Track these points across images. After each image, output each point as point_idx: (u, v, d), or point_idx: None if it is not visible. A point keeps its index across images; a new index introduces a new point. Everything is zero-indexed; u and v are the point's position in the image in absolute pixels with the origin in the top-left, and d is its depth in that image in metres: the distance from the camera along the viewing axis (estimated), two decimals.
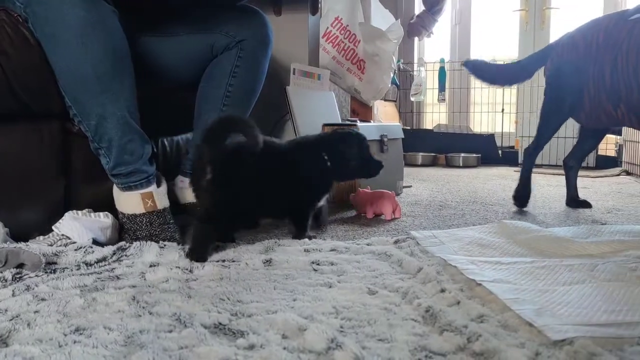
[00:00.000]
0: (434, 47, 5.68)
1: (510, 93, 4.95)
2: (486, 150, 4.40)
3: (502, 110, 4.67)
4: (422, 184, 3.04)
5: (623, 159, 3.68)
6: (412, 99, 4.63)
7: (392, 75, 3.06)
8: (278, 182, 1.49)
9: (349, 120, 2.47)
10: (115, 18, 1.47)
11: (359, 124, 2.25)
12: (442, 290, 1.08)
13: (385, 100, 4.58)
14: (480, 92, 5.12)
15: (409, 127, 5.00)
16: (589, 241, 1.45)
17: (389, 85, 3.09)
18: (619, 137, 3.76)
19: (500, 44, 5.45)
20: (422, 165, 4.40)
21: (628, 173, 3.53)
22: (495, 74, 2.34)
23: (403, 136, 2.60)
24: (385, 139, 2.37)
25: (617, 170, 3.65)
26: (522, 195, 2.18)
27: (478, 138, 4.52)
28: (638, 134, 3.28)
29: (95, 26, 1.40)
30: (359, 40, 2.99)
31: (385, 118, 4.65)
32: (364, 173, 1.68)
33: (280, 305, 1.00)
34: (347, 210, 2.12)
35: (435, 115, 5.40)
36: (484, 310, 0.97)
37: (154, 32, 1.77)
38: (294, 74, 2.37)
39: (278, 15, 2.47)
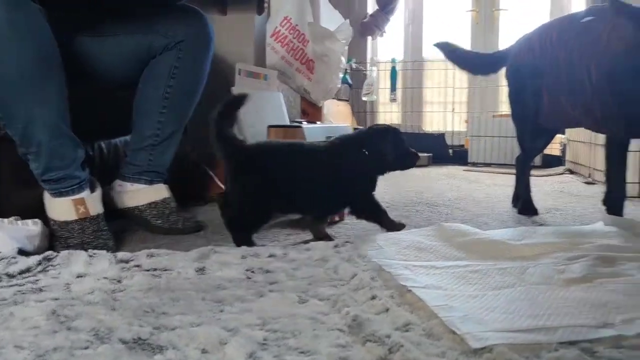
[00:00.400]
0: (388, 47, 5.71)
1: (460, 92, 5.03)
2: (437, 150, 4.46)
3: (453, 109, 4.74)
4: None
5: (567, 158, 3.78)
6: (364, 98, 4.65)
7: (341, 75, 3.06)
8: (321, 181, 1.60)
9: (295, 121, 2.45)
10: (42, 18, 1.41)
11: (304, 125, 2.24)
12: (373, 298, 1.08)
13: (338, 99, 4.58)
14: (432, 91, 5.19)
15: (362, 127, 5.01)
16: (522, 243, 1.47)
17: (339, 86, 3.09)
18: (563, 136, 3.85)
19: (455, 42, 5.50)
20: None
21: (571, 172, 3.63)
22: (472, 61, 2.35)
23: None
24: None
25: (561, 169, 3.74)
26: (525, 205, 2.16)
27: (429, 137, 4.57)
28: (580, 133, 3.37)
29: (19, 26, 1.35)
30: (308, 40, 2.97)
31: (338, 118, 4.66)
32: (400, 165, 1.75)
33: (206, 317, 0.98)
34: None
35: (388, 115, 5.43)
36: (412, 317, 0.97)
37: (91, 32, 1.71)
38: (239, 74, 2.34)
39: (223, 14, 2.44)
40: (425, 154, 4.35)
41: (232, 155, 1.55)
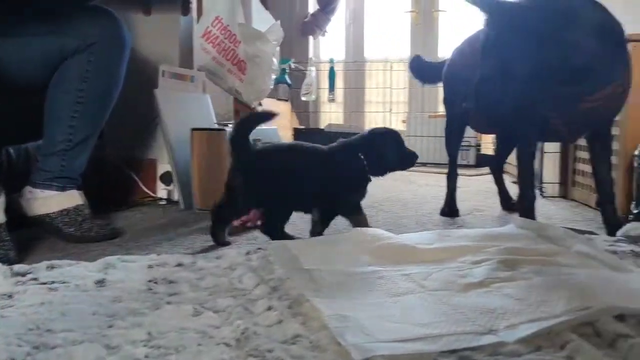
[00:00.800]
0: (330, 46, 5.73)
1: (399, 93, 5.08)
2: None
3: (390, 110, 4.79)
4: None
5: None
6: (303, 98, 4.64)
7: (273, 76, 3.03)
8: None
9: (219, 124, 2.42)
10: None
11: (228, 128, 2.21)
12: (269, 309, 1.07)
13: (277, 99, 4.57)
14: (374, 91, 5.24)
15: (303, 127, 5.01)
16: (431, 247, 1.49)
17: (271, 87, 3.07)
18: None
19: (393, 44, 5.56)
20: None
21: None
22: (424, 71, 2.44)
23: (279, 139, 2.59)
24: (259, 143, 2.34)
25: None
26: (447, 207, 2.22)
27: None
28: None
29: None
30: (239, 41, 2.93)
31: (279, 117, 4.64)
32: (402, 165, 1.78)
33: (92, 334, 0.95)
34: None
35: (332, 115, 5.45)
36: (302, 329, 0.97)
37: None
38: (163, 76, 2.29)
39: (147, 15, 2.38)
40: None
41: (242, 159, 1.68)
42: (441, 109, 4.89)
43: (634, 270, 1.31)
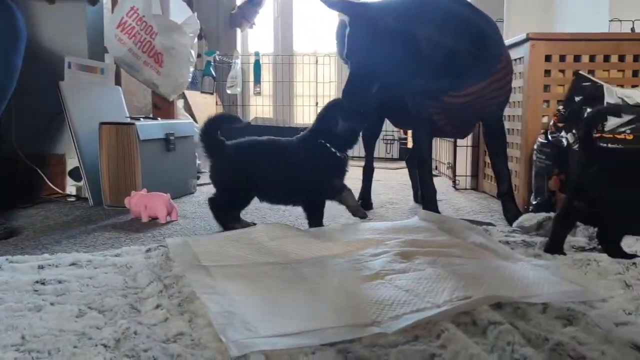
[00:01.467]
0: (258, 39, 5.69)
1: (329, 87, 5.11)
2: None
3: (317, 104, 4.81)
4: None
5: None
6: (228, 91, 4.59)
7: (191, 69, 2.98)
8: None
9: (132, 118, 2.36)
10: None
11: (140, 122, 2.16)
12: (157, 307, 1.05)
13: (202, 92, 4.49)
14: (304, 85, 5.23)
15: None
16: (334, 242, 1.51)
17: (189, 80, 3.01)
18: None
19: (322, 37, 5.58)
20: None
21: None
22: None
23: (195, 134, 2.55)
24: (172, 138, 2.30)
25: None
26: (361, 200, 2.23)
27: (295, 131, 4.59)
28: None
29: None
30: (156, 32, 2.86)
31: (204, 110, 4.57)
32: (355, 128, 1.79)
33: None
34: (123, 214, 2.03)
35: (261, 108, 5.42)
36: (186, 327, 0.96)
37: None
38: (69, 67, 2.20)
39: (51, 3, 2.28)
40: None
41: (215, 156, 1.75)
42: None
43: (523, 260, 1.37)
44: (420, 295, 1.10)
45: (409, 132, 4.45)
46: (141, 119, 2.30)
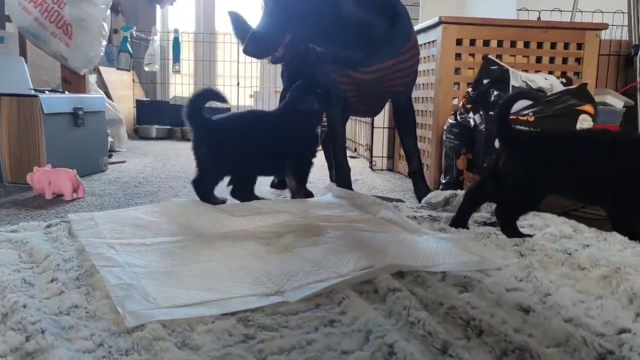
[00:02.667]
0: (179, 17, 5.53)
1: (252, 67, 5.06)
2: None
3: (237, 84, 4.75)
4: (141, 159, 2.93)
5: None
6: (145, 68, 4.44)
7: (104, 42, 2.85)
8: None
9: (36, 90, 2.23)
10: None
11: (44, 95, 2.04)
12: (52, 280, 1.01)
13: (118, 69, 4.33)
14: (226, 65, 5.14)
15: (147, 99, 4.81)
16: (245, 216, 1.50)
17: (101, 54, 2.89)
18: None
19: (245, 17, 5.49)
20: (157, 138, 4.27)
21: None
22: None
23: (105, 109, 2.45)
24: (81, 112, 2.20)
25: None
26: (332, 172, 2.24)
27: (215, 111, 4.51)
28: None
29: None
30: (64, 1, 2.71)
31: (120, 87, 4.40)
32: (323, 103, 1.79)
33: None
34: (26, 190, 1.92)
35: (182, 87, 5.28)
36: (81, 300, 0.93)
37: None
38: None
39: None
40: None
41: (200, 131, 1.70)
42: None
43: (428, 233, 1.41)
44: (326, 267, 1.11)
45: None
46: (46, 91, 2.18)
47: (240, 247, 1.27)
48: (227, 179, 1.75)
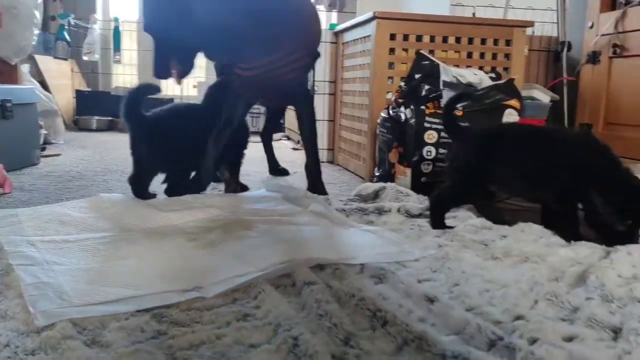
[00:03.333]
0: (120, 5, 5.39)
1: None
2: None
3: None
4: (77, 152, 2.87)
5: (286, 125, 4.03)
6: (84, 58, 4.33)
7: (36, 31, 2.77)
8: None
9: None
10: None
11: None
12: None
13: (55, 57, 4.20)
14: None
15: (88, 89, 4.69)
16: (174, 211, 1.50)
17: (33, 43, 2.80)
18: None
19: None
20: (98, 130, 4.18)
21: (288, 138, 3.88)
22: None
23: (38, 100, 2.39)
24: (9, 104, 2.14)
25: (278, 135, 3.97)
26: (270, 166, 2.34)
27: (157, 102, 4.44)
28: None
29: None
30: None
31: (57, 77, 4.28)
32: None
33: None
34: None
35: (125, 78, 5.16)
36: None
37: None
38: None
39: None
40: None
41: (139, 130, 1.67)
42: None
43: (354, 226, 1.45)
44: (247, 261, 1.13)
45: None
46: None
47: (166, 242, 1.27)
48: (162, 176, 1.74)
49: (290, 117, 3.76)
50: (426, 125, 1.88)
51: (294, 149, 3.35)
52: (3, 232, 1.28)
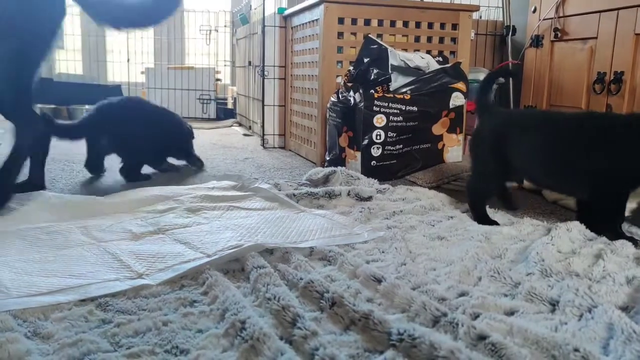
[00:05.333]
0: None
1: (142, 42, 4.86)
2: None
3: (128, 60, 4.57)
4: None
5: (237, 111, 3.99)
6: None
7: None
8: None
9: None
10: None
11: None
12: None
13: None
14: (112, 40, 4.91)
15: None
16: (119, 199, 1.47)
17: None
18: (235, 88, 4.04)
19: None
20: None
21: (240, 124, 3.84)
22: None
23: None
24: None
25: (230, 121, 3.93)
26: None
27: (104, 89, 4.33)
28: (246, 87, 3.56)
29: None
30: None
31: None
32: None
33: None
34: None
35: (67, 64, 4.99)
36: None
37: None
38: None
39: None
40: None
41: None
42: (187, 62, 4.84)
43: (305, 210, 1.46)
44: (195, 247, 1.12)
45: (229, 91, 4.44)
46: None
47: (111, 230, 1.25)
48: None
49: (242, 103, 3.73)
50: (375, 109, 1.90)
51: (245, 134, 3.32)
52: None
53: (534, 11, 2.38)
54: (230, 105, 4.26)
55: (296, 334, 0.75)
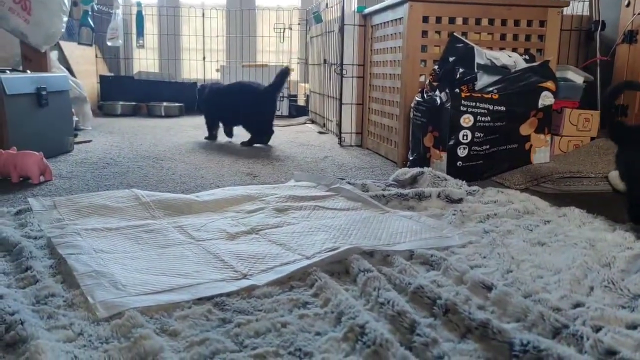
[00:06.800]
0: None
1: (218, 40, 4.98)
2: (190, 99, 4.38)
3: (204, 58, 4.68)
4: (107, 138, 2.90)
5: (310, 108, 4.02)
6: (108, 43, 4.33)
7: (65, 18, 2.78)
8: None
9: None
10: None
11: (5, 75, 1.99)
12: (27, 269, 1.01)
13: (79, 43, 4.21)
14: (191, 39, 5.05)
15: (111, 74, 4.71)
16: (210, 199, 1.51)
17: (62, 30, 2.81)
18: (307, 85, 4.07)
19: None
20: (122, 115, 4.20)
21: (312, 122, 3.87)
22: None
23: (70, 88, 2.41)
24: (44, 92, 2.16)
25: (303, 119, 3.97)
26: None
27: (181, 86, 4.46)
28: (320, 85, 3.58)
29: None
30: None
31: (82, 63, 4.30)
32: None
33: None
34: None
35: (145, 62, 5.17)
36: (56, 288, 0.94)
37: None
38: None
39: None
40: (176, 104, 4.27)
41: None
42: (259, 58, 4.92)
43: (390, 211, 1.45)
44: (292, 249, 1.14)
45: (301, 88, 4.48)
46: (7, 71, 2.12)
47: (206, 230, 1.29)
48: None
49: (316, 101, 3.76)
50: (462, 109, 1.87)
51: (320, 132, 3.34)
52: (44, 220, 1.31)
53: (628, 5, 2.28)
54: (301, 102, 4.30)
55: (416, 340, 0.76)
